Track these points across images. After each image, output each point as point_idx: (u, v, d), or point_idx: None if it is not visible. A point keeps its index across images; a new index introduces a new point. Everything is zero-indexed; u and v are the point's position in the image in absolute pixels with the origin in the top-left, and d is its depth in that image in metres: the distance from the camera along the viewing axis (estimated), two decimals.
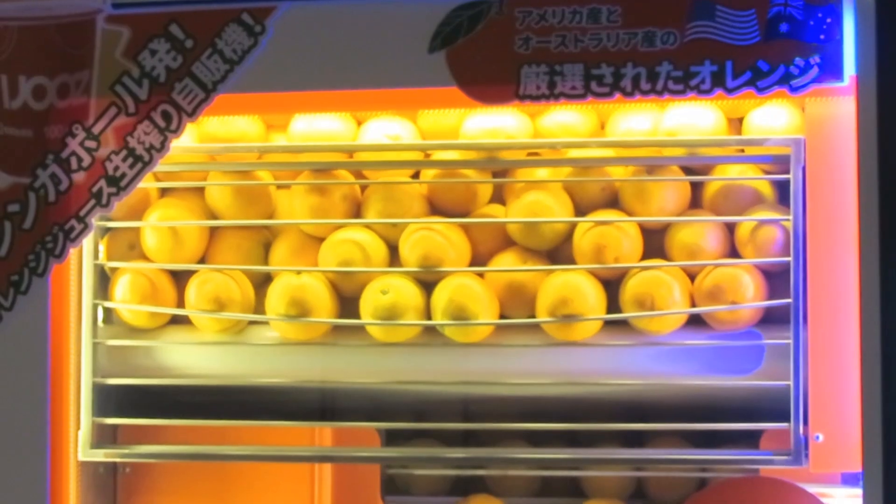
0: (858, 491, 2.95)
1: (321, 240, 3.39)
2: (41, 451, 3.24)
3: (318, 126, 3.41)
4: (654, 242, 3.32)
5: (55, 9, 3.23)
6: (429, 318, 3.31)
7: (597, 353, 3.27)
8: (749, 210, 3.27)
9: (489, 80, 3.14)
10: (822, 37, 3.04)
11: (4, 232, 3.23)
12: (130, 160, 3.21)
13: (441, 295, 3.28)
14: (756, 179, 3.30)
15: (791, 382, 3.11)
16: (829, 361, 3.09)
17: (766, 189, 3.29)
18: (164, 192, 3.48)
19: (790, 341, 3.12)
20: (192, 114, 3.20)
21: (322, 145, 3.40)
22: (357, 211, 3.42)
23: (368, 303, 3.31)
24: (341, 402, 3.52)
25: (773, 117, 3.26)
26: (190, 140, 3.37)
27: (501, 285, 3.31)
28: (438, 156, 3.40)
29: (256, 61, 3.19)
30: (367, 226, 3.38)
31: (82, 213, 3.22)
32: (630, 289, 3.24)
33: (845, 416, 3.05)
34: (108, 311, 3.43)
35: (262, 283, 3.41)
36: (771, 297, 3.22)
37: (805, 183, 3.13)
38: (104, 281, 3.41)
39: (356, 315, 3.34)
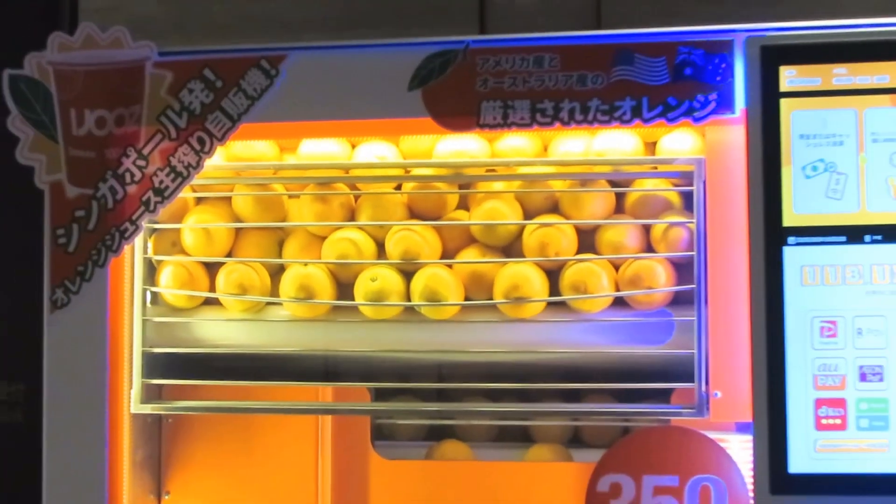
0: (749, 437, 3.01)
1: (323, 238, 3.40)
2: (101, 406, 3.27)
3: (321, 148, 3.42)
4: (587, 240, 3.34)
5: (114, 57, 3.25)
6: (408, 300, 3.32)
7: (541, 328, 3.29)
8: (661, 215, 3.30)
9: (455, 112, 3.18)
10: (718, 78, 3.08)
11: (73, 232, 3.25)
12: (172, 175, 3.24)
13: (418, 281, 3.31)
14: (666, 191, 3.32)
15: (695, 351, 3.14)
16: (725, 334, 3.12)
17: (675, 198, 3.31)
18: (199, 200, 3.49)
19: (694, 318, 3.15)
20: (222, 139, 3.24)
21: (324, 164, 3.43)
22: (352, 215, 3.43)
23: (360, 288, 3.33)
24: (339, 366, 3.53)
25: (680, 142, 3.28)
26: (219, 159, 3.38)
27: (466, 274, 3.33)
28: (416, 172, 3.42)
29: (272, 97, 3.23)
30: (360, 227, 3.39)
31: (134, 217, 3.25)
32: (567, 277, 3.27)
33: (738, 377, 3.08)
34: (154, 294, 3.43)
35: (276, 272, 3.42)
36: (679, 284, 3.24)
37: (705, 193, 3.16)
38: (151, 271, 3.43)
39: (351, 297, 3.36)
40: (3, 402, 4.27)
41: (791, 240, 3.01)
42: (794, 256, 3.00)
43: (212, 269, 3.45)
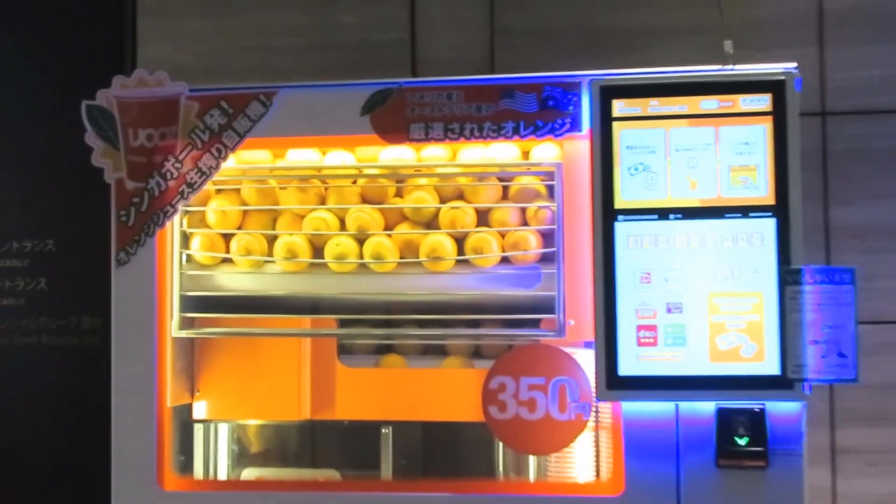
0: (592, 350, 3.04)
1: (303, 217, 3.37)
2: (151, 332, 3.26)
3: (301, 155, 3.39)
4: (482, 218, 3.32)
5: (158, 92, 3.23)
6: (362, 258, 3.31)
7: (452, 278, 3.27)
8: (533, 200, 3.28)
9: (393, 131, 3.18)
10: (571, 108, 3.10)
11: (131, 213, 3.24)
12: (199, 174, 3.24)
13: (368, 246, 3.29)
14: (536, 184, 3.30)
15: (556, 293, 3.13)
16: (577, 281, 3.13)
17: (542, 189, 3.29)
18: (218, 190, 3.44)
19: (555, 271, 3.14)
20: (233, 149, 3.24)
21: (303, 165, 3.38)
22: (323, 201, 3.39)
23: (329, 250, 3.31)
24: (315, 304, 3.46)
25: (546, 151, 3.26)
26: (232, 162, 3.33)
27: (401, 241, 3.31)
28: (366, 171, 3.38)
29: (267, 120, 3.22)
30: (328, 209, 3.35)
31: (173, 202, 3.25)
32: (469, 243, 3.25)
33: (585, 311, 3.10)
34: (187, 255, 3.39)
35: (271, 240, 3.38)
36: (545, 248, 3.23)
37: (563, 186, 3.16)
38: (185, 239, 3.38)
39: (323, 257, 3.33)
40: (87, 330, 4.25)
41: (620, 217, 3.04)
42: (623, 229, 3.04)
43: (227, 238, 3.41)
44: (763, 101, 3.01)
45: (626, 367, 3.02)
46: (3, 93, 4.29)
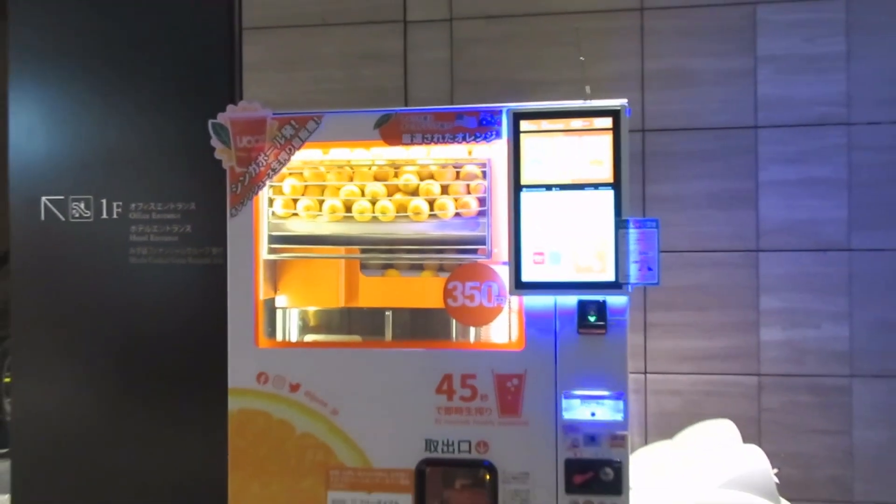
0: (507, 267, 3.00)
1: (340, 189, 3.29)
2: (251, 254, 3.17)
3: (338, 152, 3.31)
4: (444, 190, 3.24)
5: (253, 114, 3.17)
6: (374, 213, 3.24)
7: (426, 224, 3.20)
8: (474, 179, 3.21)
9: (393, 137, 3.12)
10: (497, 125, 3.06)
11: (238, 186, 3.17)
12: (278, 163, 3.19)
13: (378, 206, 3.23)
14: (476, 170, 3.22)
15: (487, 234, 3.11)
16: (498, 227, 3.09)
17: (479, 173, 3.21)
18: (290, 173, 3.35)
19: (486, 220, 3.12)
20: (298, 148, 3.18)
21: (340, 158, 3.32)
22: (351, 179, 3.32)
23: (355, 209, 3.25)
24: (348, 239, 3.37)
25: (482, 150, 3.18)
26: (298, 156, 3.25)
27: (397, 203, 3.24)
28: (377, 162, 3.31)
29: (318, 132, 3.16)
30: (355, 184, 3.28)
31: (263, 180, 3.19)
32: (436, 205, 3.20)
33: (503, 244, 3.07)
34: (272, 211, 3.31)
35: (321, 203, 3.30)
36: (480, 208, 3.17)
37: (491, 171, 3.12)
38: (270, 202, 3.30)
39: (351, 213, 3.26)
40: (215, 255, 4.20)
41: (524, 189, 3.00)
42: (526, 196, 3.00)
43: (295, 201, 3.32)
44: (608, 122, 2.98)
45: (526, 276, 3.01)
46: (168, 120, 4.20)
